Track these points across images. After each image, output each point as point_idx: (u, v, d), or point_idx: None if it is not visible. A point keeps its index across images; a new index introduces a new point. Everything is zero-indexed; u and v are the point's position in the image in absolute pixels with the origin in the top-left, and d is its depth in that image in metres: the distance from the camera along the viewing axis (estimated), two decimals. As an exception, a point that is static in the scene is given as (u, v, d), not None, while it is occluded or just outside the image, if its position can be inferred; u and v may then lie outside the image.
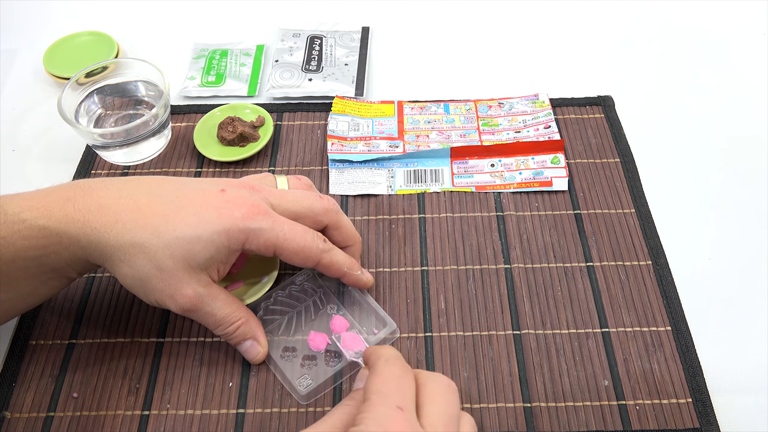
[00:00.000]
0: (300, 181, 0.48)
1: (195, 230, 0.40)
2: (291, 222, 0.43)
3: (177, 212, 0.41)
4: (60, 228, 0.40)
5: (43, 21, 0.73)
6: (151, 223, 0.40)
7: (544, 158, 0.58)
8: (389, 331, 0.47)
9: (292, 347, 0.47)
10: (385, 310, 0.48)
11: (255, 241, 0.42)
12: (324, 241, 0.44)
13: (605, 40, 0.70)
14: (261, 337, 0.45)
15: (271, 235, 0.42)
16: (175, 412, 0.44)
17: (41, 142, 0.61)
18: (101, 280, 0.51)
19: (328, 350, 0.46)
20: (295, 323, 0.48)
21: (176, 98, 0.65)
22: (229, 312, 0.43)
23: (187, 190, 0.43)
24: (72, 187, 0.42)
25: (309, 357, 0.46)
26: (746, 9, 0.73)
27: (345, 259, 0.46)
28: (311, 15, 0.73)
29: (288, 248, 0.42)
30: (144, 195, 0.42)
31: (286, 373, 0.45)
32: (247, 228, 0.41)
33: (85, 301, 0.50)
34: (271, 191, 0.45)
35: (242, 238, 0.41)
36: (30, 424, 0.44)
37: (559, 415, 0.44)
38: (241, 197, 0.42)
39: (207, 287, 0.42)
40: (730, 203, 0.56)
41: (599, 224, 0.54)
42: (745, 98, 0.64)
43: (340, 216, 0.47)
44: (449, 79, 0.66)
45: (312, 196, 0.46)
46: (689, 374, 0.46)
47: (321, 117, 0.62)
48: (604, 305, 0.49)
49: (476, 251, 0.52)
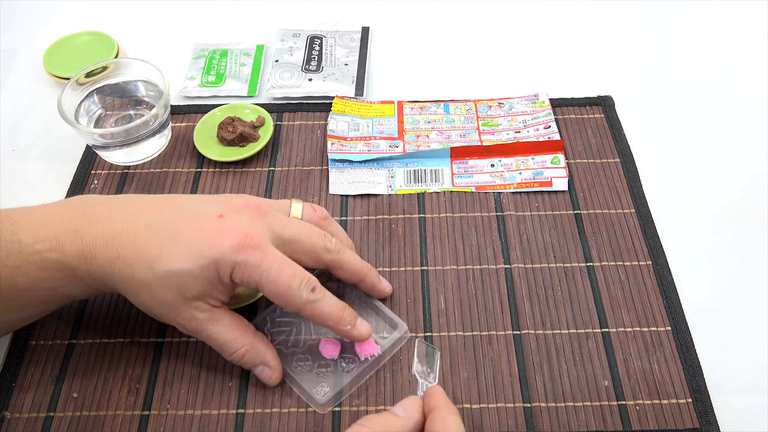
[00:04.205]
0: (315, 213, 0.47)
1: (185, 264, 0.40)
2: (283, 261, 0.41)
3: (171, 243, 0.41)
4: (73, 263, 0.41)
5: (43, 21, 0.73)
6: (147, 256, 0.40)
7: (544, 158, 0.58)
8: (401, 332, 0.47)
9: (305, 357, 0.46)
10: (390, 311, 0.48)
11: (240, 274, 0.41)
12: (312, 291, 0.42)
13: (605, 40, 0.70)
14: (272, 360, 0.44)
15: (255, 272, 0.40)
16: (175, 412, 0.44)
17: (41, 142, 0.61)
18: (101, 280, 0.51)
19: (342, 356, 0.46)
20: (305, 332, 0.47)
21: (176, 98, 0.65)
22: (231, 338, 0.43)
23: (184, 216, 0.42)
24: (78, 216, 0.42)
25: (323, 364, 0.46)
26: (746, 9, 0.73)
27: (333, 312, 0.43)
28: (311, 15, 0.72)
29: (270, 290, 0.41)
30: (143, 223, 0.42)
31: (302, 384, 0.45)
32: (233, 261, 0.40)
33: (85, 301, 0.50)
34: (277, 217, 0.44)
35: (228, 270, 0.40)
36: (30, 424, 0.44)
37: (559, 416, 0.44)
38: (237, 225, 0.41)
39: (207, 312, 0.42)
40: (730, 203, 0.56)
41: (599, 224, 0.54)
42: (745, 98, 0.64)
43: (342, 255, 0.46)
44: (449, 79, 0.66)
45: (317, 233, 0.45)
46: (689, 374, 0.46)
47: (321, 117, 0.62)
48: (604, 305, 0.49)
49: (476, 251, 0.52)
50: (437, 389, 0.40)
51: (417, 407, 0.39)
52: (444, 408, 0.38)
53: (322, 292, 0.43)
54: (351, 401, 0.45)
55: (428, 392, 0.40)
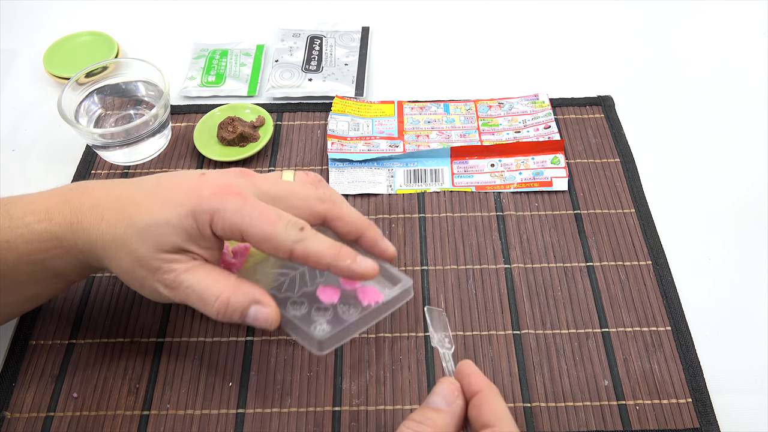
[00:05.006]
0: (308, 177, 0.45)
1: (164, 215, 0.39)
2: (266, 206, 0.39)
3: (151, 199, 0.40)
4: (59, 231, 0.40)
5: (43, 21, 0.73)
6: (127, 213, 0.39)
7: (544, 158, 0.58)
8: (405, 286, 0.43)
9: (301, 301, 0.42)
10: None
11: (221, 222, 0.38)
12: (301, 230, 0.39)
13: (605, 40, 0.70)
14: (262, 296, 0.40)
15: (236, 217, 0.38)
16: (175, 412, 0.44)
17: (41, 142, 0.61)
18: (101, 280, 0.51)
19: (342, 302, 0.42)
20: (299, 282, 0.44)
21: (176, 98, 0.65)
22: (210, 283, 0.39)
23: (169, 177, 0.42)
24: (72, 189, 0.42)
25: (321, 308, 0.42)
26: (746, 9, 0.73)
27: (327, 249, 0.39)
28: (311, 15, 0.73)
29: (255, 235, 0.38)
30: (128, 188, 0.41)
31: (297, 322, 0.40)
32: (211, 208, 0.38)
33: (85, 301, 0.50)
34: (265, 177, 0.42)
35: (207, 219, 0.38)
36: (30, 424, 0.44)
37: (559, 415, 0.44)
38: (218, 178, 0.40)
39: (186, 264, 0.39)
40: (730, 203, 0.56)
41: (599, 224, 0.54)
42: (745, 98, 0.64)
43: (341, 207, 0.43)
44: (449, 79, 0.66)
45: (309, 187, 0.43)
46: (689, 374, 0.46)
47: (321, 117, 0.62)
48: (604, 305, 0.49)
49: (476, 251, 0.52)
50: (469, 365, 0.37)
51: (457, 393, 0.36)
52: (488, 392, 0.35)
53: (312, 232, 0.39)
54: (351, 401, 0.45)
55: (461, 371, 0.37)
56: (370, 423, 0.44)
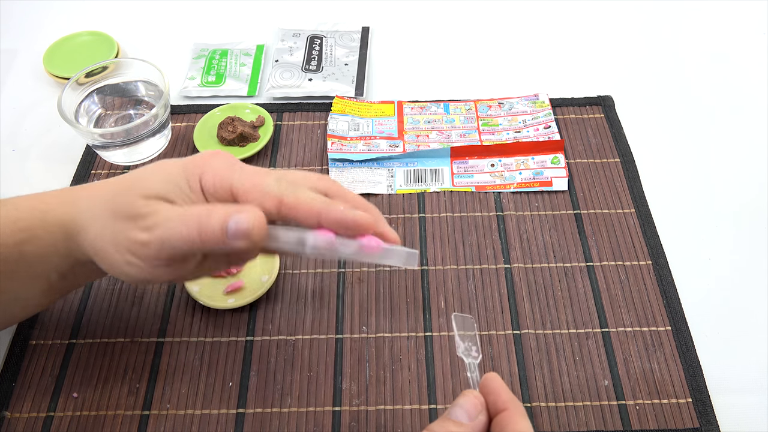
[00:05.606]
0: None
1: (153, 168, 0.39)
2: (257, 168, 0.39)
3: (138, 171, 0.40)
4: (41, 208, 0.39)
5: (43, 21, 0.73)
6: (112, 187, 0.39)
7: (544, 158, 0.58)
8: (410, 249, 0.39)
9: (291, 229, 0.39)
10: (385, 311, 0.48)
11: (211, 175, 0.38)
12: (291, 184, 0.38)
13: (605, 40, 0.70)
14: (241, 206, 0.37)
15: (226, 171, 0.38)
16: (175, 412, 0.44)
17: (41, 142, 0.61)
18: (101, 280, 0.51)
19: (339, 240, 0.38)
20: None
21: (176, 98, 0.65)
22: (183, 211, 0.37)
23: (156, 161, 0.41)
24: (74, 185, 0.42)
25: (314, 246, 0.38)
26: (746, 9, 0.73)
27: (318, 196, 0.38)
28: (311, 15, 0.73)
29: (242, 184, 0.37)
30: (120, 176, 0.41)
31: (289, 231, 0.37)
32: (203, 164, 0.39)
33: (85, 301, 0.50)
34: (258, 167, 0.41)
35: (197, 171, 0.38)
36: (30, 424, 0.44)
37: (559, 415, 0.44)
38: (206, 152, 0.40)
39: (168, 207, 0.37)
40: (730, 203, 0.56)
41: (599, 224, 0.54)
42: (745, 98, 0.64)
43: (344, 189, 0.41)
44: (449, 79, 0.66)
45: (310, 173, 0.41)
46: (689, 374, 0.46)
47: (321, 117, 0.62)
48: (604, 305, 0.49)
49: (476, 251, 0.52)
50: (495, 379, 0.35)
51: (480, 408, 0.35)
52: (513, 411, 0.34)
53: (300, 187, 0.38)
54: (351, 401, 0.45)
55: (487, 385, 0.35)
56: (370, 423, 0.44)
